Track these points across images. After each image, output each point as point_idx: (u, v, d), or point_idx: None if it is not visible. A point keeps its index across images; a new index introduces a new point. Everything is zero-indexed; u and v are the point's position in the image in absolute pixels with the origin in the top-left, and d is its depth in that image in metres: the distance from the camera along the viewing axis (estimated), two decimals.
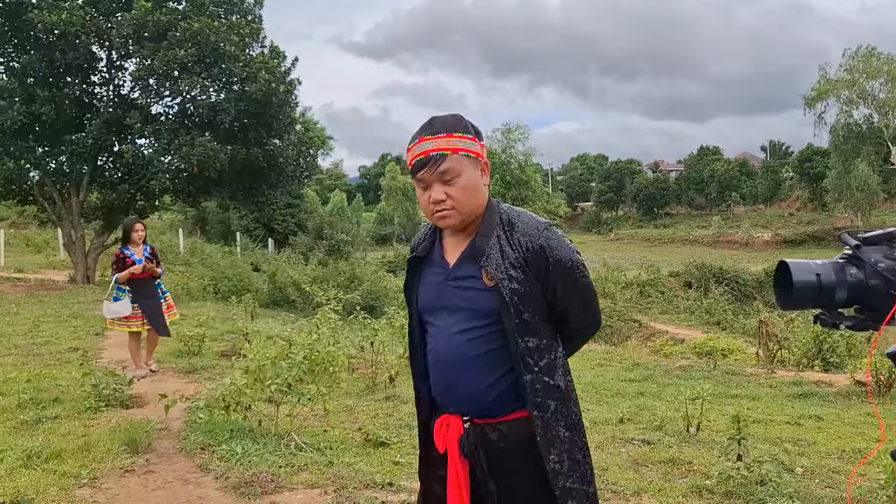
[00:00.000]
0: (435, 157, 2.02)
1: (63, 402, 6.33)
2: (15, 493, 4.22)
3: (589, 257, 39.69)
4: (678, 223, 67.49)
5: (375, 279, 20.68)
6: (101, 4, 18.56)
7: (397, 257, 39.32)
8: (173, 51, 17.56)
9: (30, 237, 33.90)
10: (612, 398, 7.53)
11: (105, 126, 18.66)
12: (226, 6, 19.81)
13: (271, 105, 19.07)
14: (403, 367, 7.87)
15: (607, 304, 23.26)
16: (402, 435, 5.34)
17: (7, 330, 10.67)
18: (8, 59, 18.87)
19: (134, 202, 20.57)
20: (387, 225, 62.72)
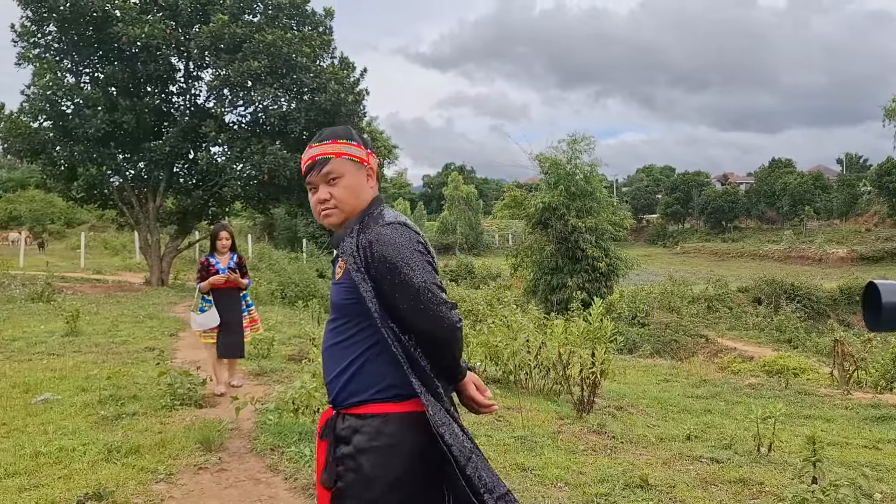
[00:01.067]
0: (320, 160, 2.18)
1: (140, 400, 6.58)
2: (97, 485, 4.40)
3: (654, 270, 39.06)
4: (747, 237, 65.66)
5: None
6: (181, 17, 19.28)
7: (459, 266, 39.43)
8: (248, 62, 18.11)
9: (108, 240, 35.35)
10: (679, 414, 7.39)
11: (181, 134, 19.35)
12: (298, 18, 20.31)
13: (340, 115, 19.42)
14: None
15: (672, 318, 22.81)
16: None
17: (88, 329, 11.14)
18: (94, 70, 19.77)
19: (207, 208, 21.26)
20: (449, 234, 62.90)
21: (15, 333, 10.71)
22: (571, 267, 21.82)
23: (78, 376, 7.53)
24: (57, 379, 7.43)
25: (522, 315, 9.15)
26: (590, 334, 7.27)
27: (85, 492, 4.30)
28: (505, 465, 4.87)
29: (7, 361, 8.48)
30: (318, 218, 2.22)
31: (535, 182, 26.57)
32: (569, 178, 22.43)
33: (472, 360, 8.31)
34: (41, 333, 10.71)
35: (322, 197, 2.17)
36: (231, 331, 7.03)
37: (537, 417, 6.34)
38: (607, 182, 27.94)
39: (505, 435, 5.63)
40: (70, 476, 4.60)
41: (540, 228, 22.94)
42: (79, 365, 8.21)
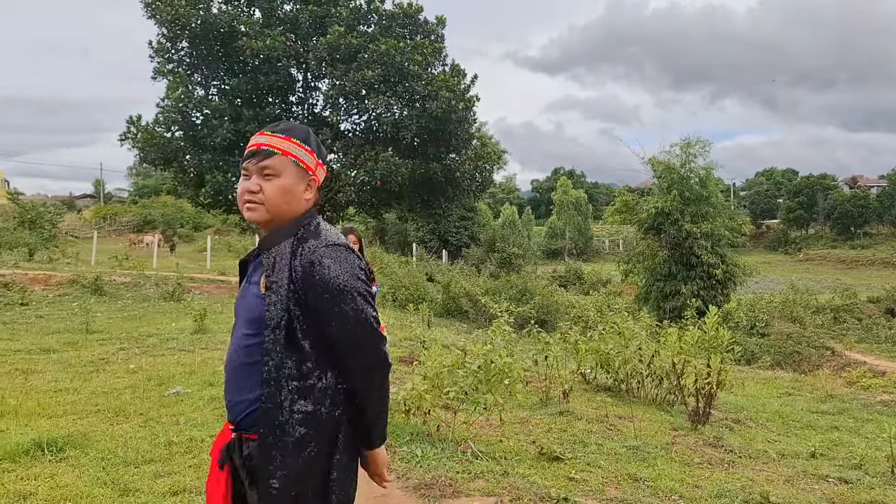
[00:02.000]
0: (265, 151, 2.03)
1: None
2: None
3: (774, 278, 37.24)
4: (879, 244, 61.42)
5: (547, 293, 20.66)
6: (300, 30, 20.11)
7: (568, 272, 38.98)
8: (362, 71, 18.68)
9: (231, 243, 37.23)
10: (802, 430, 7.04)
11: None
12: (410, 27, 20.74)
13: (450, 121, 19.69)
14: (577, 384, 7.84)
15: (795, 328, 21.66)
16: (577, 451, 5.32)
17: (214, 327, 11.78)
18: (220, 82, 20.94)
19: (322, 213, 22.02)
20: (557, 239, 62.31)
21: (150, 330, 11.50)
22: (685, 274, 21.15)
23: (205, 371, 7.99)
24: (187, 373, 7.91)
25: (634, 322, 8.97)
26: (705, 344, 7.04)
27: None
28: (616, 475, 4.81)
29: (143, 356, 9.11)
30: (241, 205, 2.07)
31: (647, 186, 25.94)
32: (683, 183, 21.74)
33: (582, 367, 8.24)
34: (172, 330, 11.43)
35: (252, 188, 2.01)
36: None
37: (649, 427, 6.20)
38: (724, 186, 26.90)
39: (616, 444, 5.55)
40: (199, 465, 4.89)
41: (652, 234, 22.35)
42: (206, 361, 8.71)
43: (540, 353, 7.92)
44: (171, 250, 35.01)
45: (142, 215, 49.80)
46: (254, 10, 20.86)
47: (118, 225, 48.92)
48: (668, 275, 21.54)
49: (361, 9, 20.82)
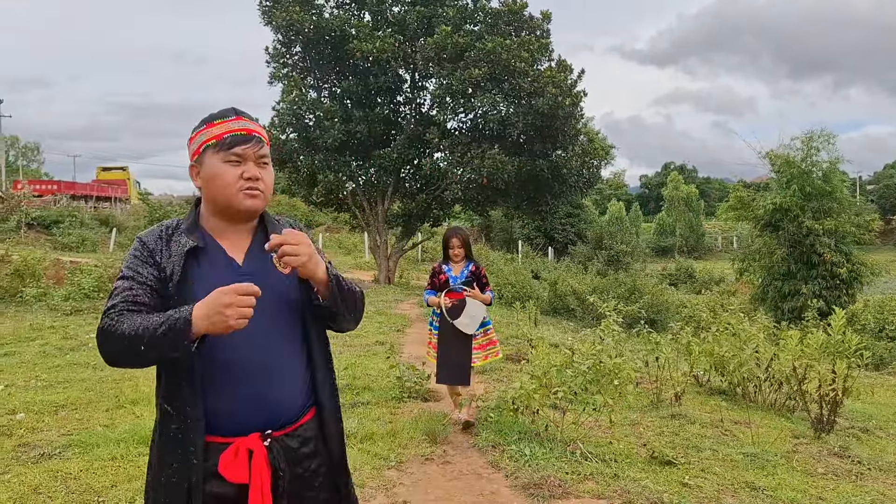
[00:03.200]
0: (258, 137, 1.97)
1: (373, 390, 7.11)
2: None
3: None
4: None
5: (657, 292, 20.12)
6: (408, 31, 20.45)
7: (679, 269, 37.80)
8: (469, 70, 18.79)
9: (341, 240, 38.35)
10: None
11: (408, 142, 20.52)
12: (516, 24, 20.67)
13: (557, 118, 19.51)
14: (689, 386, 7.62)
15: None
16: (690, 456, 5.18)
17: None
18: (332, 85, 21.61)
19: (430, 211, 22.35)
20: (667, 236, 60.52)
21: None
22: (806, 273, 20.07)
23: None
24: None
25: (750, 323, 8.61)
26: (830, 348, 6.67)
27: None
28: (733, 483, 4.65)
29: None
30: (237, 196, 1.93)
31: (763, 181, 24.78)
32: (804, 177, 20.62)
33: (695, 369, 7.99)
34: None
35: (255, 174, 1.94)
36: (454, 350, 5.81)
37: (768, 434, 5.96)
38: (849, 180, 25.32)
39: (732, 450, 5.36)
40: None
41: (770, 231, 21.33)
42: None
43: (650, 353, 7.74)
44: None
45: None
46: (364, 13, 21.40)
47: None
48: (787, 274, 20.51)
49: (468, 8, 20.94)
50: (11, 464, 4.89)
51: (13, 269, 15.18)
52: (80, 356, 8.93)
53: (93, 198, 42.55)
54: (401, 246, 22.95)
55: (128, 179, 49.73)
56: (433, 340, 6.06)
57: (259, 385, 1.89)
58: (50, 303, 13.71)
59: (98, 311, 13.66)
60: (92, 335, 10.62)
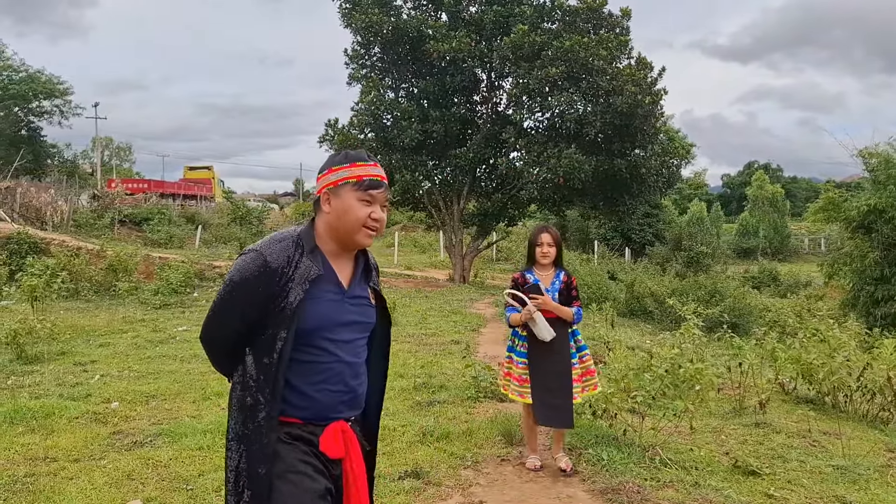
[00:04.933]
0: (386, 184, 2.29)
1: (448, 389, 7.14)
2: (414, 464, 4.90)
3: None
4: None
5: (739, 295, 19.51)
6: (485, 31, 20.47)
7: (762, 272, 36.55)
8: (546, 69, 18.67)
9: (417, 239, 38.68)
10: None
11: (483, 141, 20.54)
12: (594, 21, 20.41)
13: (636, 116, 19.16)
14: (774, 394, 7.36)
15: None
16: (776, 466, 5.00)
17: (402, 320, 12.33)
18: (409, 85, 21.83)
19: (505, 210, 22.29)
20: (750, 237, 58.52)
21: None
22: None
23: (396, 363, 8.38)
24: None
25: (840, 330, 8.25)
26: None
27: (405, 469, 4.80)
28: (822, 496, 4.47)
29: None
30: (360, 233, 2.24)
31: (855, 180, 23.71)
32: None
33: (780, 376, 7.72)
34: None
35: (381, 217, 2.26)
36: (552, 387, 4.72)
37: (860, 446, 5.70)
38: None
39: (821, 462, 5.15)
40: (392, 453, 5.16)
41: (862, 233, 20.36)
42: (396, 353, 9.13)
43: (733, 358, 7.52)
44: None
45: None
46: (440, 14, 21.52)
47: None
48: (881, 278, 19.54)
49: (545, 6, 20.78)
50: (107, 450, 5.15)
51: (107, 265, 15.97)
52: (169, 349, 9.31)
53: (180, 196, 44.17)
54: (476, 245, 22.98)
55: (213, 178, 51.47)
56: (513, 371, 4.93)
57: (352, 381, 2.28)
58: (141, 297, 14.36)
59: (185, 305, 14.22)
60: (180, 328, 11.06)
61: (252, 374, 2.16)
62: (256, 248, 2.17)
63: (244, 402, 2.16)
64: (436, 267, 28.19)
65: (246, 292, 2.13)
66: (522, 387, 4.84)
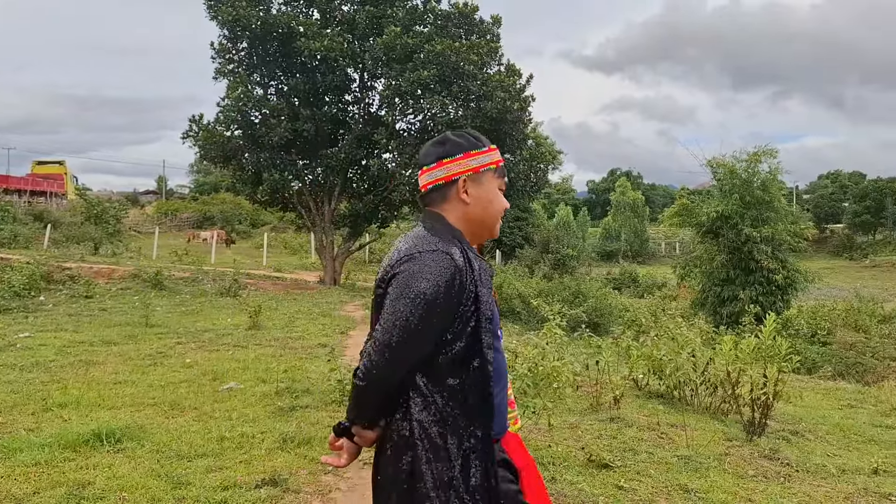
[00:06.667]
0: None
1: (313, 394, 6.99)
2: (273, 471, 4.74)
3: (838, 285, 36.03)
4: None
5: (601, 296, 20.41)
6: (357, 31, 20.32)
7: (623, 274, 38.44)
8: (418, 71, 18.76)
9: (287, 240, 37.90)
10: (864, 445, 6.78)
11: (355, 141, 20.38)
12: (466, 27, 20.73)
13: (505, 122, 19.63)
14: (628, 390, 7.71)
15: (859, 338, 20.90)
16: (627, 459, 5.23)
17: (268, 324, 12.00)
18: (279, 82, 21.31)
19: (377, 212, 22.21)
20: (613, 241, 61.50)
21: (206, 325, 11.77)
22: (744, 279, 20.65)
23: (258, 368, 8.14)
24: (241, 369, 8.07)
25: (688, 328, 8.77)
26: (762, 352, 6.84)
27: (262, 477, 4.64)
28: (667, 485, 4.71)
29: (199, 351, 9.33)
30: (497, 224, 2.07)
31: (706, 188, 25.41)
32: (744, 187, 21.23)
33: (634, 372, 8.10)
34: (228, 326, 11.68)
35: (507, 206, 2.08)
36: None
37: (702, 437, 6.06)
38: (786, 189, 26.14)
39: (668, 453, 5.44)
40: (250, 461, 4.98)
41: (710, 237, 21.89)
42: (259, 357, 8.87)
43: (591, 357, 7.82)
44: (227, 245, 35.79)
45: (201, 212, 50.97)
46: (312, 11, 21.18)
47: (179, 221, 50.19)
48: (726, 279, 21.06)
49: (418, 9, 20.91)
50: None
51: None
52: (8, 357, 8.58)
53: (27, 192, 41.11)
54: (347, 247, 22.76)
55: (65, 174, 48.21)
56: None
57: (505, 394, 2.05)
58: None
59: (29, 310, 13.17)
60: (21, 335, 10.23)
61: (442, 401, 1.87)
62: (436, 248, 1.86)
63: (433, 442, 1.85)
64: (307, 269, 27.69)
65: (443, 303, 1.82)
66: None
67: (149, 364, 8.33)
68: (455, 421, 1.86)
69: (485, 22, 20.99)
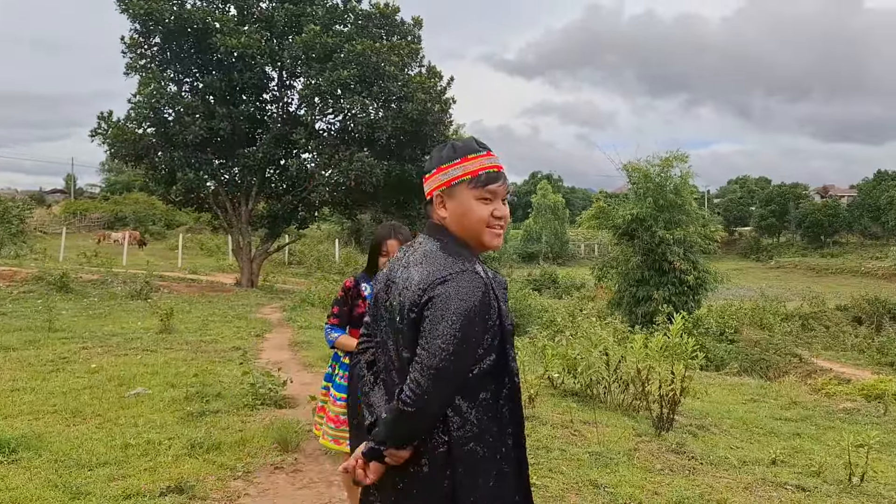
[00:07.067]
0: (504, 174, 2.01)
1: (224, 398, 6.81)
2: (179, 478, 4.60)
3: (745, 285, 37.63)
4: (848, 252, 62.35)
5: (521, 297, 20.69)
6: (276, 28, 19.96)
7: (543, 275, 39.09)
8: (337, 71, 18.57)
9: (203, 241, 36.88)
10: (764, 437, 7.09)
11: (273, 141, 19.99)
12: (387, 28, 20.67)
13: (426, 123, 19.64)
14: (543, 388, 7.83)
15: (763, 335, 21.91)
16: (540, 456, 5.29)
17: (180, 327, 11.64)
18: (193, 79, 20.69)
19: (296, 213, 21.87)
20: (533, 243, 62.50)
21: (114, 329, 11.32)
22: (658, 279, 21.31)
23: (168, 372, 7.88)
24: (149, 374, 7.80)
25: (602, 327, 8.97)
26: (670, 350, 7.06)
27: (168, 484, 4.49)
28: (577, 481, 4.79)
29: (105, 355, 8.97)
30: (486, 234, 1.98)
31: (623, 192, 26.12)
32: (658, 190, 21.92)
33: (549, 371, 8.23)
34: (137, 330, 11.27)
35: (505, 213, 2.00)
36: None
37: (613, 433, 6.20)
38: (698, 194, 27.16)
39: (580, 450, 5.54)
40: (155, 468, 4.81)
41: (626, 239, 22.50)
42: (170, 362, 8.59)
43: None
44: (140, 246, 34.59)
45: (113, 212, 49.07)
46: (228, 7, 20.66)
47: (88, 221, 48.11)
48: (641, 280, 21.69)
49: (337, 8, 20.70)
50: None
51: None
52: None
53: None
54: (265, 248, 22.30)
55: None
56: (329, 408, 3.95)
57: None
58: None
59: None
60: None
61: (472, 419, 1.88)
62: (464, 268, 1.88)
63: (472, 455, 1.88)
64: (223, 271, 27.00)
65: (480, 319, 1.85)
66: (339, 430, 3.83)
67: (50, 370, 7.95)
68: (490, 434, 1.90)
69: (406, 23, 20.97)
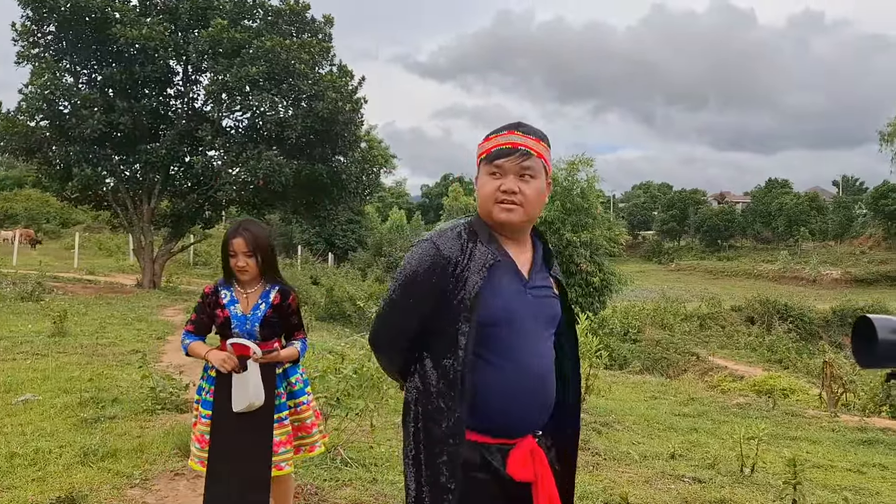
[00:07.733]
0: (523, 151, 2.01)
1: (122, 403, 6.52)
2: (70, 488, 4.36)
3: (648, 287, 39.06)
4: (742, 256, 65.75)
5: None
6: (180, 21, 19.31)
7: None
8: (245, 67, 18.12)
9: (102, 241, 35.26)
10: (664, 432, 7.36)
11: (178, 137, 19.33)
12: (297, 25, 20.34)
13: (337, 123, 19.43)
14: None
15: (664, 335, 22.78)
16: None
17: (75, 330, 11.07)
18: (91, 71, 19.77)
19: (201, 211, 21.22)
20: None
21: (1, 333, 10.65)
22: (565, 281, 21.83)
23: (60, 377, 7.47)
24: (39, 380, 7.37)
25: None
26: None
27: (58, 495, 4.25)
28: None
29: None
30: (493, 209, 1.99)
31: None
32: (565, 194, 22.45)
33: None
34: (28, 333, 10.64)
35: (511, 188, 1.97)
36: (239, 454, 3.18)
37: None
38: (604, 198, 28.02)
39: None
40: (44, 479, 4.55)
41: None
42: (62, 366, 8.15)
43: None
44: (33, 246, 32.77)
45: (3, 209, 46.31)
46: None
47: None
48: None
49: (246, 3, 20.21)
50: None
51: None
52: None
53: None
54: (168, 248, 21.51)
55: None
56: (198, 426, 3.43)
57: (537, 389, 2.00)
58: None
59: None
60: None
61: (432, 380, 1.95)
62: (427, 238, 2.02)
63: (425, 411, 1.94)
64: (124, 271, 25.91)
65: (419, 285, 1.96)
66: (203, 451, 3.31)
67: None
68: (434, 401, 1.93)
69: (317, 21, 20.70)
